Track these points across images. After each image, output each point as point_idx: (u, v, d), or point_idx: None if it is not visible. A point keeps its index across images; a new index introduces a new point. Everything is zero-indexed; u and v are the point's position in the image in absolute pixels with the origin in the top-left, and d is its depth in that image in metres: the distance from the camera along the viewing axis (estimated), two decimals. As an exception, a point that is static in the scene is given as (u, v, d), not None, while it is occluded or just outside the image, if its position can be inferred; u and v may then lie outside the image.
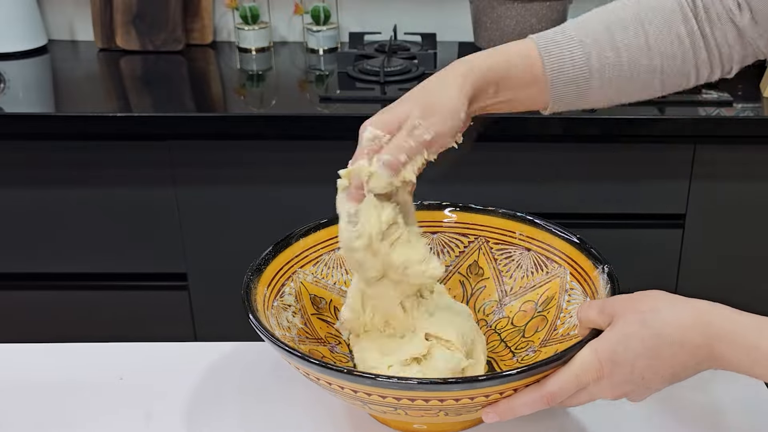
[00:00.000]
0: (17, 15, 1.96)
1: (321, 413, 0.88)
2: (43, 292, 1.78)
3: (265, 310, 0.85)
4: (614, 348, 0.71)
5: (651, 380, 0.71)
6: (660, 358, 0.69)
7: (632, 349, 0.70)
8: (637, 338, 0.70)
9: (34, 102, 1.82)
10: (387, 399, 0.72)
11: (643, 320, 0.70)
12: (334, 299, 0.94)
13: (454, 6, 2.01)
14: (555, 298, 0.91)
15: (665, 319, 0.70)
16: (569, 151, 1.63)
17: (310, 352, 0.86)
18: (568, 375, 0.72)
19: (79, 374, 0.95)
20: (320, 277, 0.94)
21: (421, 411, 0.74)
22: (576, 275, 0.90)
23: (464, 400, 0.72)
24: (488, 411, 0.74)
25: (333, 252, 0.95)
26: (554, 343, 0.87)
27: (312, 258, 0.94)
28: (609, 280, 0.84)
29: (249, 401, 0.91)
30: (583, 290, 0.88)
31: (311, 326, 0.91)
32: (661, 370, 0.70)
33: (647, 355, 0.70)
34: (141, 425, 0.87)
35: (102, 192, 1.68)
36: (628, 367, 0.71)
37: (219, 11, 2.08)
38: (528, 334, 0.91)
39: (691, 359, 0.69)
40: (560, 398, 0.73)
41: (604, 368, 0.71)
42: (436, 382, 0.72)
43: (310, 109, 1.65)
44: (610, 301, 0.75)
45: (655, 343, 0.69)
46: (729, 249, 1.72)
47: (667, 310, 0.71)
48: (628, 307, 0.72)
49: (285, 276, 0.91)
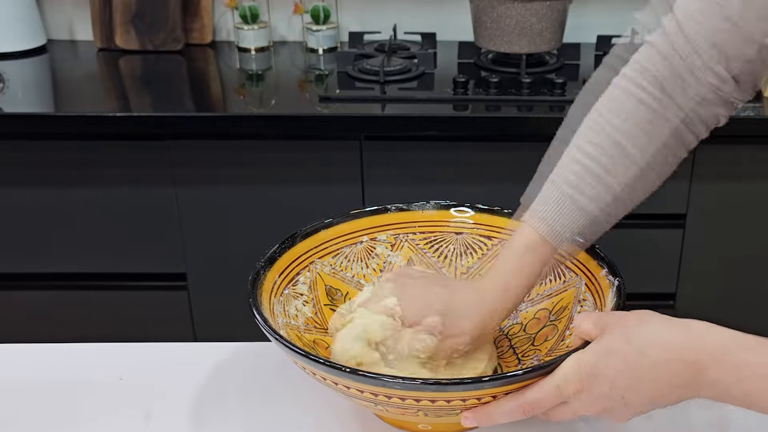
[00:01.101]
0: (17, 15, 1.96)
1: (324, 413, 0.88)
2: (43, 292, 1.78)
3: (272, 296, 0.85)
4: (596, 361, 0.69)
5: (631, 400, 0.69)
6: (641, 380, 0.68)
7: (612, 366, 0.68)
8: (619, 355, 0.68)
9: (33, 102, 1.82)
10: (379, 397, 0.72)
11: (627, 336, 0.69)
12: (350, 291, 0.95)
13: (454, 6, 2.01)
14: (568, 308, 0.91)
15: (649, 338, 0.68)
16: (569, 151, 1.63)
17: (315, 342, 0.87)
18: (549, 385, 0.72)
19: (79, 374, 0.95)
20: (339, 269, 0.95)
21: (401, 409, 0.74)
22: (590, 286, 0.89)
23: (440, 402, 0.72)
24: (467, 415, 0.74)
25: (354, 245, 0.96)
26: (559, 353, 0.87)
27: (332, 250, 0.95)
28: (617, 294, 0.83)
29: (249, 401, 0.91)
30: (594, 301, 0.88)
31: (322, 316, 0.91)
32: (642, 391, 0.68)
33: (627, 373, 0.68)
34: (141, 425, 0.87)
35: (102, 192, 1.68)
36: (607, 383, 0.69)
37: (218, 11, 2.07)
38: (537, 342, 0.91)
39: (676, 379, 0.67)
40: (540, 408, 0.73)
41: (585, 381, 0.70)
42: (439, 383, 0.71)
43: (310, 109, 1.65)
44: (606, 315, 0.74)
45: (636, 362, 0.67)
46: (729, 249, 1.72)
47: (653, 328, 0.69)
48: (617, 321, 0.71)
49: (301, 265, 0.92)
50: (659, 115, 0.78)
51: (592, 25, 2.02)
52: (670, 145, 0.80)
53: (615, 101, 0.79)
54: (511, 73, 1.80)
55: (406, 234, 0.98)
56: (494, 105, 1.65)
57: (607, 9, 2.02)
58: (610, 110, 0.79)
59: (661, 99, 0.78)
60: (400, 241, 0.98)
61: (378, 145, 1.62)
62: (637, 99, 0.78)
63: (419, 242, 0.99)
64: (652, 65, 0.78)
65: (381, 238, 0.98)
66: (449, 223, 0.99)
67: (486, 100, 1.67)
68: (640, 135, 0.78)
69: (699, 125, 0.80)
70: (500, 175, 1.66)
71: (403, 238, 0.98)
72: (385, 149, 1.62)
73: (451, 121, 1.60)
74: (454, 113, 1.62)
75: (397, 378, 0.71)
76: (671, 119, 0.78)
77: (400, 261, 0.98)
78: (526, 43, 1.81)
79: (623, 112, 0.78)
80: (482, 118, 1.61)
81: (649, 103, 0.78)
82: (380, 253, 0.98)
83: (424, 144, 1.62)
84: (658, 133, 0.79)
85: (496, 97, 1.67)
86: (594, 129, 0.80)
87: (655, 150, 0.79)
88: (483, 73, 1.83)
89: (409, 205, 0.99)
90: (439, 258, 0.98)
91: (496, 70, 1.84)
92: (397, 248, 0.98)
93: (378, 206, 0.98)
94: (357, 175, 1.64)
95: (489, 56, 1.92)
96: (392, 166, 1.64)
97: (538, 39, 1.81)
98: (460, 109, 1.63)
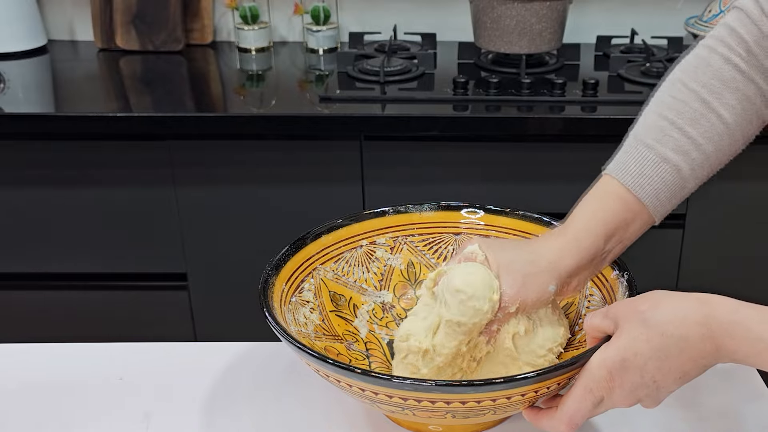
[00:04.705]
0: (17, 15, 1.96)
1: (327, 413, 0.88)
2: (43, 292, 1.78)
3: (282, 305, 0.85)
4: (622, 355, 0.70)
5: (662, 381, 0.70)
6: (669, 358, 0.68)
7: (640, 353, 0.69)
8: (642, 340, 0.69)
9: (33, 102, 1.82)
10: (393, 399, 0.72)
11: (644, 320, 0.69)
12: (353, 297, 0.95)
13: (453, 6, 2.01)
14: (575, 303, 0.91)
15: (666, 317, 0.68)
16: (569, 151, 1.63)
17: (326, 349, 0.87)
18: (581, 391, 0.72)
19: (79, 374, 0.95)
20: (341, 274, 0.95)
21: (429, 413, 0.74)
22: (596, 280, 0.89)
23: (471, 403, 0.71)
24: None
25: (354, 250, 0.96)
26: (571, 349, 0.87)
27: (333, 255, 0.95)
28: (628, 287, 0.83)
29: (249, 401, 0.91)
30: (602, 296, 0.87)
31: (329, 323, 0.91)
32: (672, 369, 0.69)
33: (656, 356, 0.68)
34: (141, 425, 0.87)
35: (102, 192, 1.68)
36: (638, 372, 0.69)
37: (219, 11, 2.08)
38: None
39: (698, 353, 0.68)
40: (581, 417, 0.73)
41: (615, 377, 0.70)
42: (451, 384, 0.71)
43: (310, 109, 1.65)
44: (613, 306, 0.74)
45: (660, 342, 0.68)
46: (729, 249, 1.72)
47: (667, 306, 0.69)
48: (629, 309, 0.71)
49: (305, 272, 0.91)
50: (746, 75, 0.78)
51: (592, 26, 2.02)
52: (756, 105, 0.79)
53: (700, 60, 0.79)
54: (511, 74, 1.80)
55: (405, 236, 0.98)
56: (494, 105, 1.65)
57: (607, 9, 2.02)
58: (696, 68, 0.79)
59: (748, 59, 0.78)
60: (398, 243, 0.98)
61: (378, 145, 1.62)
62: (723, 58, 0.78)
63: (418, 244, 0.99)
64: (740, 27, 0.78)
65: (380, 241, 0.98)
66: (448, 224, 0.99)
67: (486, 100, 1.67)
68: (726, 93, 0.78)
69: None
70: (500, 176, 1.66)
71: (402, 241, 0.98)
72: (385, 149, 1.63)
73: (451, 121, 1.60)
74: (454, 113, 1.62)
75: (412, 380, 0.71)
76: (757, 80, 0.78)
77: (400, 264, 0.98)
78: (526, 43, 1.81)
79: (709, 70, 0.78)
80: (482, 118, 1.61)
81: (735, 62, 0.78)
82: (380, 256, 0.98)
83: (424, 144, 1.62)
84: (745, 93, 0.78)
85: (496, 98, 1.67)
86: (677, 86, 0.80)
87: (741, 109, 0.79)
88: (483, 73, 1.83)
89: (407, 206, 0.98)
90: (438, 260, 0.98)
91: (496, 70, 1.84)
92: (396, 251, 0.98)
93: (377, 209, 0.98)
94: (357, 175, 1.64)
95: (489, 56, 1.92)
96: (392, 166, 1.65)
97: (537, 39, 1.81)
98: (460, 109, 1.64)
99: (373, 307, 0.96)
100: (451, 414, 0.73)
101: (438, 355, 0.78)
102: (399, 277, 0.98)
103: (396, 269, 0.98)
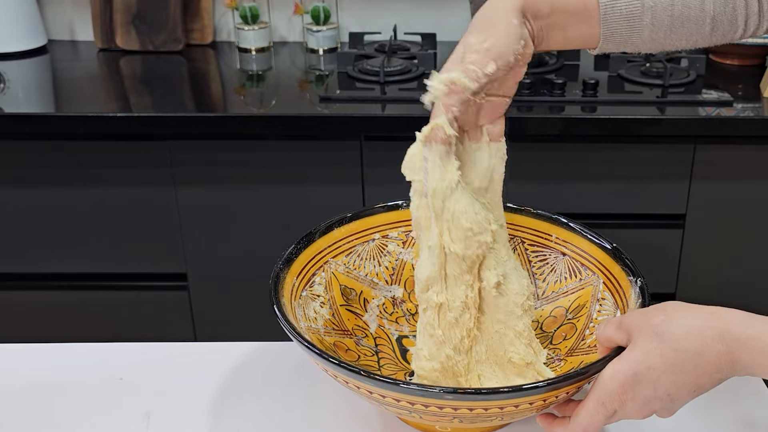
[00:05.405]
0: (17, 15, 1.96)
1: (336, 412, 0.88)
2: (43, 292, 1.78)
3: (292, 300, 0.85)
4: (635, 369, 0.69)
5: (676, 394, 0.69)
6: (684, 372, 0.68)
7: (653, 367, 0.69)
8: (655, 354, 0.68)
9: (33, 102, 1.82)
10: (401, 403, 0.72)
11: (658, 335, 0.69)
12: (364, 291, 0.94)
13: (453, 6, 2.01)
14: (586, 306, 0.90)
15: (680, 331, 0.68)
16: (569, 151, 1.63)
17: (335, 344, 0.87)
18: (593, 404, 0.71)
19: (79, 374, 0.95)
20: (352, 267, 0.95)
21: (437, 417, 0.73)
22: (609, 285, 0.88)
23: (478, 410, 0.71)
24: None
25: (366, 243, 0.96)
26: (580, 354, 0.86)
27: (345, 248, 0.94)
28: (641, 294, 0.82)
29: (250, 401, 0.91)
30: (614, 301, 0.87)
31: (339, 317, 0.91)
32: (687, 383, 0.68)
33: (670, 370, 0.68)
34: (141, 425, 0.87)
35: (102, 192, 1.68)
36: (651, 385, 0.69)
37: (219, 11, 2.08)
38: (556, 341, 0.90)
39: (713, 368, 0.68)
40: (595, 429, 0.72)
41: (627, 390, 0.70)
42: (459, 392, 0.71)
43: (310, 109, 1.65)
44: (627, 317, 0.74)
45: (675, 356, 0.68)
46: (729, 249, 1.72)
47: (680, 320, 0.69)
48: (642, 321, 0.71)
49: (317, 266, 0.91)
50: None
51: (592, 26, 2.01)
52: (738, 9, 0.80)
53: None
54: (511, 74, 1.79)
55: None
56: (494, 105, 1.65)
57: (607, 9, 2.02)
58: None
59: None
60: (411, 238, 0.98)
61: (378, 145, 1.62)
62: None
63: None
64: None
65: (393, 235, 0.97)
66: None
67: (486, 100, 1.66)
68: None
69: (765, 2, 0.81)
70: (500, 176, 1.66)
71: None
72: (385, 149, 1.62)
73: (451, 121, 1.60)
74: (454, 113, 1.61)
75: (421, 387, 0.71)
76: None
77: (412, 258, 0.98)
78: (526, 43, 1.81)
79: None
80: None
81: None
82: (392, 250, 0.97)
83: (424, 144, 1.62)
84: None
85: (496, 98, 1.67)
86: None
87: (723, 2, 0.79)
88: (483, 73, 1.83)
89: None
90: None
91: (496, 70, 1.83)
92: (408, 245, 0.98)
93: (390, 203, 0.98)
94: (357, 175, 1.64)
95: (489, 56, 1.91)
96: (392, 166, 1.63)
97: (538, 39, 1.81)
98: (460, 109, 1.63)
99: (384, 301, 0.96)
100: (458, 419, 0.73)
101: (450, 310, 0.79)
102: (410, 272, 0.97)
103: (408, 263, 0.97)
